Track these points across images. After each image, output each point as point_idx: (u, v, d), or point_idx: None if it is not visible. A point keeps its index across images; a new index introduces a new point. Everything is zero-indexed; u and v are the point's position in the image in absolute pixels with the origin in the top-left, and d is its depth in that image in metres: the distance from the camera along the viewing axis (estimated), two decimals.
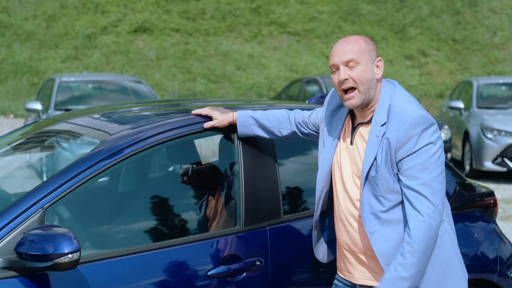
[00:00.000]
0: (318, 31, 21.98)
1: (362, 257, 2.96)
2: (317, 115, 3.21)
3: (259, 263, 3.22)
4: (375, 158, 2.82)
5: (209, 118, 3.34)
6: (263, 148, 3.37)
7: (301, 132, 3.29)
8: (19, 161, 3.95)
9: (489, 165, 11.65)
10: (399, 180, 2.83)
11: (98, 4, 21.44)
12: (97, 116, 3.77)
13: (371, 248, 2.88)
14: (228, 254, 3.19)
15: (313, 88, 13.79)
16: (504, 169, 11.64)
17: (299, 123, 3.27)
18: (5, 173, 3.95)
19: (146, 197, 3.75)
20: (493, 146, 11.65)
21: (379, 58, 2.90)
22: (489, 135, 11.76)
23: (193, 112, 3.38)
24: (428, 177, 2.76)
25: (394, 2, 23.26)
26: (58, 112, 10.46)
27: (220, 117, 3.29)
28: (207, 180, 3.59)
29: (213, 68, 20.24)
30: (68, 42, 20.15)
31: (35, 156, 3.80)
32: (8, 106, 17.10)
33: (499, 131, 11.71)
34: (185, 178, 3.66)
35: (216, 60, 20.63)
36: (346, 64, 2.84)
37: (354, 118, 2.98)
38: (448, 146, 11.70)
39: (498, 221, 8.76)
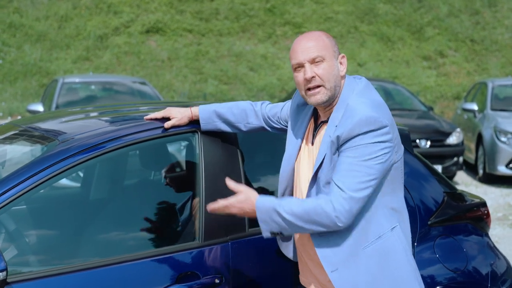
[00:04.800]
0: (333, 32, 21.71)
1: (312, 263, 2.84)
2: (287, 109, 3.03)
3: (218, 281, 2.99)
4: (324, 159, 2.69)
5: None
6: (227, 154, 3.13)
7: (271, 127, 3.11)
8: None
9: (502, 169, 11.25)
10: None
11: (110, 4, 21.33)
12: (59, 120, 3.55)
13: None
14: (184, 271, 2.95)
15: None
16: None
17: (268, 117, 3.09)
18: None
19: (96, 209, 3.52)
20: (507, 149, 11.25)
21: (342, 54, 2.79)
22: (503, 138, 11.36)
23: (147, 117, 3.14)
24: (354, 179, 2.58)
25: (411, 1, 22.94)
26: None
27: (179, 115, 3.11)
28: (165, 189, 3.33)
29: (225, 69, 20.03)
30: (79, 43, 20.05)
31: None
32: (16, 107, 17.04)
33: None
34: (140, 189, 3.42)
35: (229, 61, 20.41)
36: (312, 61, 2.70)
37: (318, 117, 2.85)
38: (460, 150, 11.32)
39: (510, 229, 8.45)
